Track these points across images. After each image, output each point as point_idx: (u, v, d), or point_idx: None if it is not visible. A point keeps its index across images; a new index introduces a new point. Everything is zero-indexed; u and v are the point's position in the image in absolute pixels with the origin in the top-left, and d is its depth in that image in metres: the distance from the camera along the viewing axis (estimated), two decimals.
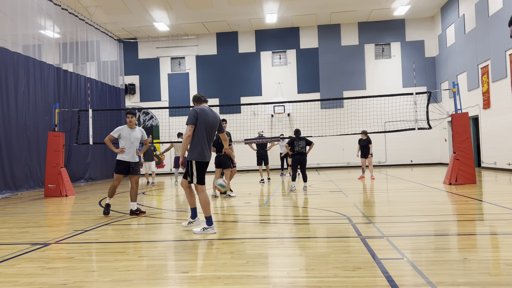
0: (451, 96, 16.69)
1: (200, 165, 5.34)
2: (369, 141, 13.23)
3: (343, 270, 3.52)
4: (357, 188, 10.51)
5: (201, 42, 21.89)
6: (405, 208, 6.99)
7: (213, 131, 5.45)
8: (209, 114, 5.37)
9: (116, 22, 19.45)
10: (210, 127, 5.37)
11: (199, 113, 5.29)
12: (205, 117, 5.32)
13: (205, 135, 5.33)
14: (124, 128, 7.31)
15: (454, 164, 10.34)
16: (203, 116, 5.30)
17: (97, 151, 18.08)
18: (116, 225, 6.31)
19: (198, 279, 3.45)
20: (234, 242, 4.82)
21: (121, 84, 21.20)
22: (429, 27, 20.58)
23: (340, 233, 5.06)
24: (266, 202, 8.48)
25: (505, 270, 3.41)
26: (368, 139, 13.23)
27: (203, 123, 5.30)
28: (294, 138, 10.45)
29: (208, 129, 5.34)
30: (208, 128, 5.35)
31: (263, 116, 20.53)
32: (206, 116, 5.33)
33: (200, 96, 5.56)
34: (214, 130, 5.46)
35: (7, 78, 12.49)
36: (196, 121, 5.28)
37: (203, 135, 5.31)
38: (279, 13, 19.08)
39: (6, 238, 5.59)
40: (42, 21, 14.81)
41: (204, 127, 5.31)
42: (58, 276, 3.66)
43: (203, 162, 5.36)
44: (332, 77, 20.94)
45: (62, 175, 11.22)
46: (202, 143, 5.31)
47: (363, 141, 13.26)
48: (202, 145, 5.31)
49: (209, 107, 5.49)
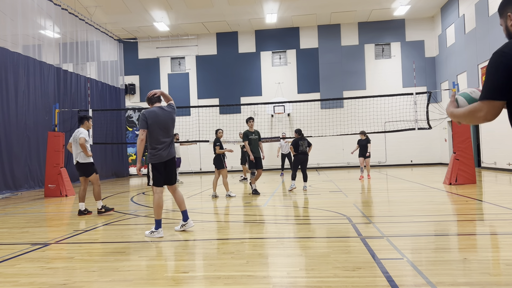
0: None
1: (155, 167, 5.32)
2: (368, 141, 13.29)
3: (343, 270, 3.52)
4: (357, 188, 10.51)
5: (201, 42, 21.89)
6: (405, 208, 6.99)
7: (169, 128, 5.42)
8: (159, 114, 5.33)
9: (116, 22, 19.45)
10: (164, 126, 5.34)
11: (147, 116, 5.28)
12: (156, 118, 5.29)
13: (160, 136, 5.31)
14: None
15: (454, 164, 10.34)
16: (152, 117, 5.29)
17: (97, 151, 18.05)
18: (116, 225, 6.31)
19: (198, 279, 3.45)
20: (234, 242, 4.82)
21: (121, 84, 21.20)
22: (429, 27, 20.58)
23: (340, 233, 5.06)
24: (266, 202, 8.48)
25: (505, 270, 3.41)
26: (367, 139, 13.30)
27: (156, 124, 5.29)
28: (298, 138, 10.47)
29: (162, 129, 5.32)
30: (162, 128, 5.32)
31: (263, 116, 20.52)
32: (157, 117, 5.30)
33: (151, 97, 5.46)
34: (170, 128, 5.43)
35: (7, 78, 12.48)
36: (146, 124, 5.28)
37: (158, 136, 5.30)
38: (279, 13, 19.07)
39: (6, 238, 5.59)
40: (42, 21, 14.81)
41: (158, 128, 5.29)
42: (58, 276, 3.66)
43: (159, 164, 5.33)
44: (332, 77, 20.93)
45: (62, 175, 11.22)
46: (157, 145, 5.30)
47: (362, 141, 13.30)
48: (158, 146, 5.30)
49: (159, 107, 5.42)
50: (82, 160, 7.47)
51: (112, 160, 19.65)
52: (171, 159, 5.43)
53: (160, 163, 5.32)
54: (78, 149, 7.46)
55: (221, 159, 9.54)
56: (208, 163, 20.55)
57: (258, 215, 6.86)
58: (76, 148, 7.49)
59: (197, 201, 9.31)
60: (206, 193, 10.79)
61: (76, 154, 7.50)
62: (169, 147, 5.40)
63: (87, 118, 7.76)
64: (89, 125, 7.82)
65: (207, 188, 12.21)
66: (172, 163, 5.45)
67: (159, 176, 5.34)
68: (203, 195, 10.39)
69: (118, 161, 20.21)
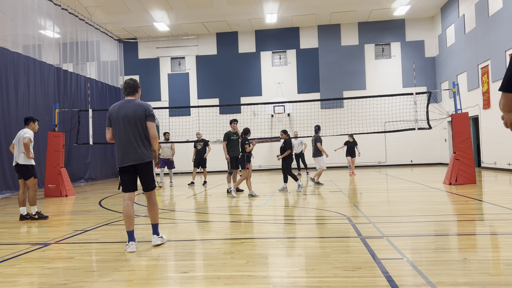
0: (451, 96, 16.69)
1: (120, 171, 4.64)
2: (355, 143, 15.20)
3: (343, 270, 3.52)
4: (357, 188, 10.51)
5: (201, 42, 21.89)
6: (405, 208, 6.99)
7: (132, 124, 4.52)
8: (120, 107, 4.57)
9: (116, 22, 19.45)
10: (124, 121, 4.52)
11: (110, 111, 4.61)
12: (117, 113, 4.54)
13: (122, 135, 4.53)
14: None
15: (454, 164, 10.34)
16: (113, 113, 4.57)
17: (97, 151, 18.08)
18: (116, 225, 6.31)
19: (198, 279, 3.45)
20: (234, 242, 4.82)
21: (121, 84, 21.19)
22: (429, 27, 20.58)
23: (340, 233, 5.06)
24: (266, 202, 8.48)
25: (505, 270, 3.41)
26: (354, 141, 15.22)
27: (116, 120, 4.55)
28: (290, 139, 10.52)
29: (122, 126, 4.53)
30: (122, 124, 4.52)
31: (263, 116, 20.52)
32: (118, 112, 4.55)
33: (123, 89, 4.77)
34: (133, 123, 4.52)
35: (7, 78, 12.48)
36: (109, 121, 4.62)
37: (118, 135, 4.56)
38: (279, 13, 19.07)
39: (6, 238, 5.59)
40: (42, 21, 14.81)
41: (118, 125, 4.54)
42: (58, 276, 3.66)
43: (122, 168, 4.61)
44: (332, 77, 20.93)
45: (62, 175, 11.22)
46: (118, 145, 4.58)
47: (350, 143, 15.18)
48: (119, 147, 4.57)
49: (128, 99, 4.67)
50: (23, 161, 7.08)
51: (112, 160, 19.65)
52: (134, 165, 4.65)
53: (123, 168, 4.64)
54: (20, 149, 7.09)
55: (245, 159, 9.59)
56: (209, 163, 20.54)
57: (258, 215, 6.86)
58: (19, 148, 7.12)
59: (197, 201, 9.31)
60: (206, 193, 10.80)
61: (17, 155, 7.12)
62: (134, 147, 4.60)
63: (33, 119, 7.43)
64: (35, 127, 7.45)
65: (207, 188, 12.21)
66: (143, 169, 4.67)
67: (125, 181, 4.65)
68: (203, 195, 10.39)
69: None
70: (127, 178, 4.63)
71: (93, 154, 17.71)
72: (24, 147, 7.04)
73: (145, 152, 4.59)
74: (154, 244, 4.71)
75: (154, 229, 4.78)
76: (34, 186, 7.23)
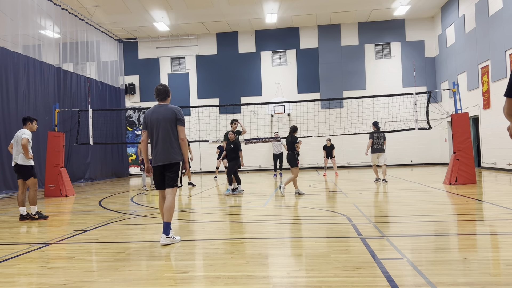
0: (451, 96, 16.69)
1: (153, 169, 5.04)
2: (333, 147, 16.49)
3: (343, 270, 3.52)
4: (357, 188, 10.51)
5: (201, 42, 21.89)
6: (405, 208, 6.99)
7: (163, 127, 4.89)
8: (154, 111, 4.99)
9: (116, 22, 19.45)
10: (157, 125, 4.91)
11: (145, 115, 5.05)
12: (151, 117, 4.98)
13: (154, 136, 4.96)
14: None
15: (454, 164, 10.34)
16: (148, 117, 5.00)
17: (97, 151, 18.08)
18: (116, 225, 6.31)
19: (198, 279, 3.45)
20: (234, 242, 4.82)
21: (121, 84, 21.20)
22: (429, 27, 20.57)
23: (340, 233, 5.06)
24: (266, 202, 8.48)
25: (505, 270, 3.41)
26: (332, 145, 16.44)
27: (150, 124, 4.98)
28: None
29: (155, 129, 4.93)
30: (154, 128, 4.93)
31: (263, 116, 20.52)
32: (152, 116, 4.98)
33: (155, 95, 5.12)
34: (164, 126, 4.89)
35: (7, 78, 12.48)
36: (145, 124, 5.05)
37: (152, 137, 4.99)
38: (279, 13, 19.07)
39: (6, 238, 5.59)
40: (42, 21, 14.80)
41: (150, 128, 4.98)
42: (58, 276, 3.66)
43: (154, 167, 5.00)
44: (332, 77, 20.93)
45: (62, 175, 11.22)
46: (152, 147, 5.01)
47: (328, 147, 16.31)
48: (152, 148, 4.99)
49: (160, 104, 5.05)
50: (22, 162, 7.07)
51: (112, 160, 19.66)
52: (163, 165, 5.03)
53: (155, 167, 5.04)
54: (19, 150, 7.08)
55: (295, 157, 9.58)
56: (209, 163, 20.57)
57: (258, 215, 6.86)
58: (17, 149, 7.11)
59: (197, 201, 9.31)
60: (205, 193, 10.80)
61: (16, 156, 7.11)
62: (164, 147, 4.99)
63: (31, 119, 7.39)
64: (33, 127, 7.42)
65: (208, 188, 12.21)
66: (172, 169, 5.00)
67: (156, 180, 5.07)
68: (203, 195, 10.39)
69: (118, 161, 20.22)
70: (158, 177, 5.02)
71: (93, 154, 17.70)
72: (23, 148, 7.02)
73: (174, 153, 4.94)
74: (162, 243, 4.76)
75: (164, 228, 4.83)
76: (34, 186, 7.21)
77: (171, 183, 4.93)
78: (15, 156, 7.15)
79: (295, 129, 9.62)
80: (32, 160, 7.21)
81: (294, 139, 9.53)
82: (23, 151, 7.05)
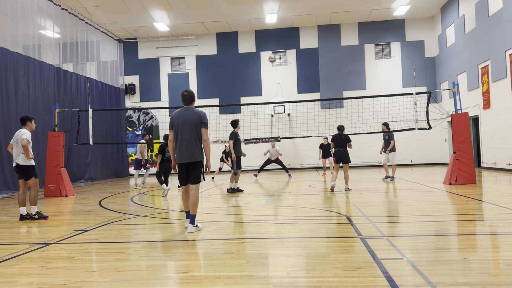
0: (451, 96, 16.69)
1: (178, 166, 5.58)
2: (330, 146, 15.88)
3: (343, 270, 3.52)
4: (357, 188, 10.51)
5: (201, 42, 21.89)
6: (405, 208, 6.99)
7: (188, 129, 5.42)
8: (180, 114, 5.52)
9: (116, 22, 19.45)
10: (183, 126, 5.43)
11: (172, 117, 5.57)
12: (177, 119, 5.50)
13: (179, 136, 5.46)
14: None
15: (454, 164, 10.34)
16: (175, 118, 5.53)
17: (97, 151, 18.08)
18: (116, 225, 6.31)
19: (198, 279, 3.45)
20: (234, 242, 4.82)
21: (121, 84, 21.19)
22: (429, 27, 20.58)
23: (340, 233, 5.06)
24: (266, 202, 8.48)
25: (505, 270, 3.41)
26: (329, 143, 15.22)
27: (176, 125, 5.50)
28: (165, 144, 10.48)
29: (180, 129, 5.45)
30: (180, 128, 5.45)
31: (263, 116, 20.52)
32: (178, 118, 5.50)
33: (181, 100, 5.64)
34: (189, 128, 5.42)
35: (7, 78, 12.47)
36: (171, 125, 5.56)
37: (177, 137, 5.50)
38: (279, 13, 19.07)
39: (6, 238, 5.59)
40: (42, 21, 14.79)
41: (176, 129, 5.49)
42: (58, 276, 3.66)
43: (179, 164, 5.54)
44: (332, 77, 20.93)
45: (62, 175, 11.22)
46: (177, 145, 5.51)
47: (325, 146, 15.78)
48: (178, 147, 5.50)
49: (186, 108, 5.58)
50: (22, 162, 7.04)
51: (112, 160, 19.65)
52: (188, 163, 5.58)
53: (180, 164, 5.57)
54: (19, 150, 7.05)
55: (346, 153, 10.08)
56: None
57: (258, 215, 6.86)
58: (17, 149, 7.08)
59: None
60: (205, 193, 10.80)
61: (16, 156, 7.08)
62: (188, 147, 5.51)
63: (29, 119, 7.35)
64: (32, 126, 7.39)
65: (207, 188, 12.21)
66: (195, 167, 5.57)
67: (180, 175, 5.60)
68: (203, 195, 10.39)
69: (118, 161, 20.22)
70: (182, 173, 5.55)
71: (93, 154, 17.70)
72: (23, 149, 7.01)
73: (198, 152, 5.48)
74: (189, 231, 5.41)
75: (191, 219, 5.48)
76: (35, 186, 7.20)
77: (195, 180, 5.50)
78: (16, 157, 7.13)
79: (343, 128, 10.33)
80: (32, 160, 7.19)
81: (347, 137, 10.11)
82: (24, 152, 7.04)
